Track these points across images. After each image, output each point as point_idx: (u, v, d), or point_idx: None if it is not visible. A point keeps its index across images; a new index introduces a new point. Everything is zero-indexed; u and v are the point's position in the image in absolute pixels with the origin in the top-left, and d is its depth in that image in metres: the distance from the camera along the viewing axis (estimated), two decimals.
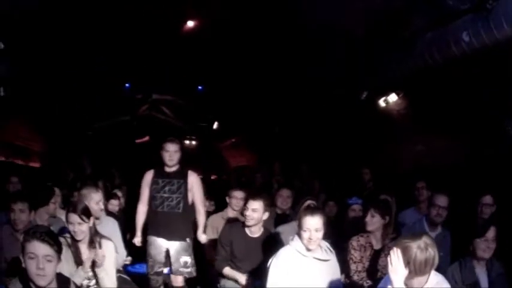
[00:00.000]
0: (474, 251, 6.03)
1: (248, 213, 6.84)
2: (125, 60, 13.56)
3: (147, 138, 17.49)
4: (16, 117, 13.79)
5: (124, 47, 12.85)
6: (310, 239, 5.63)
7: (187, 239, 7.88)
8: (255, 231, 6.96)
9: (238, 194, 8.32)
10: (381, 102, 10.71)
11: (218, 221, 8.23)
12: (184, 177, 7.98)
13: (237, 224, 7.27)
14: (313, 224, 5.64)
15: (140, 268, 8.21)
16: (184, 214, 7.90)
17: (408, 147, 10.98)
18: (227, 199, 8.48)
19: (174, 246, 7.81)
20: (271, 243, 6.82)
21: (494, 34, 6.49)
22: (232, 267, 6.97)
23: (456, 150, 9.60)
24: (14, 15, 9.02)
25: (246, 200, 7.05)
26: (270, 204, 7.48)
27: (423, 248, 4.45)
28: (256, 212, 6.83)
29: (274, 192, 9.47)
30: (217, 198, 9.89)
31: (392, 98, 10.53)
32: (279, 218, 8.46)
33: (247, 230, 6.95)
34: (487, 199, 7.65)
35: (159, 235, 7.80)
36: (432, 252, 4.45)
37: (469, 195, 7.98)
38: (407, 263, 4.44)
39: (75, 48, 12.20)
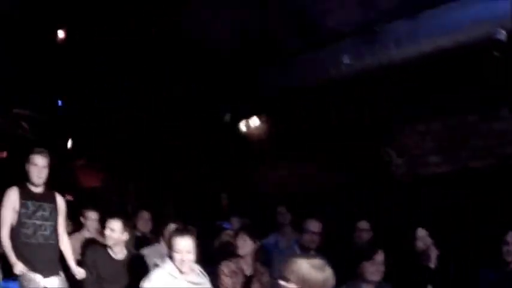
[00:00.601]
0: (363, 274, 6.00)
1: (107, 232, 6.63)
2: None
3: (4, 154, 16.50)
4: None
5: None
6: (182, 260, 5.46)
7: (61, 272, 6.75)
8: (118, 252, 6.68)
9: (92, 215, 8.12)
10: (243, 126, 10.73)
11: (75, 242, 7.71)
12: (54, 200, 6.82)
13: (100, 245, 6.99)
14: (185, 245, 5.49)
15: (14, 285, 6.72)
16: (57, 244, 6.76)
17: (270, 172, 10.97)
18: (82, 220, 8.24)
19: (52, 283, 6.60)
20: (136, 266, 6.68)
21: (379, 57, 6.54)
22: None
23: (322, 176, 9.65)
24: None
25: (101, 221, 6.96)
26: (130, 225, 7.23)
27: (320, 268, 4.19)
28: (115, 232, 6.61)
29: (131, 214, 9.27)
30: (74, 219, 9.38)
31: (255, 121, 10.56)
32: (139, 241, 8.22)
33: (110, 252, 6.67)
34: (363, 224, 7.74)
35: (35, 270, 6.45)
36: (329, 273, 4.22)
37: (339, 220, 8.09)
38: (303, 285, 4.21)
39: None
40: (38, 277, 6.42)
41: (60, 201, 6.88)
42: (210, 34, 9.30)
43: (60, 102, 14.65)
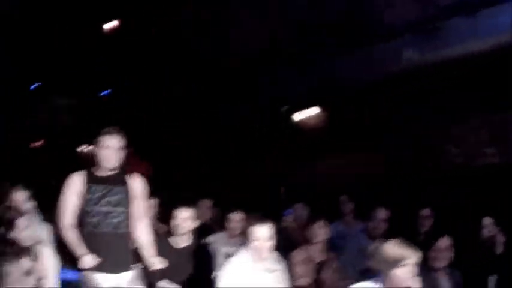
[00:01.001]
0: (431, 261, 6.15)
1: (178, 222, 6.40)
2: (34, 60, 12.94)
3: (41, 142, 16.73)
4: None
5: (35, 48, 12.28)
6: (260, 248, 5.55)
7: (136, 265, 5.86)
8: (183, 241, 6.48)
9: (153, 202, 7.63)
10: (300, 116, 10.84)
11: None
12: (128, 183, 5.77)
13: (161, 235, 6.76)
14: (263, 233, 5.57)
15: (73, 274, 5.89)
16: (128, 234, 5.79)
17: (325, 162, 11.12)
18: None
19: (125, 278, 5.73)
20: (202, 254, 6.64)
21: (441, 53, 6.69)
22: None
23: (375, 166, 9.82)
24: None
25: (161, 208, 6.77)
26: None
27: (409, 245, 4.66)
28: (186, 221, 6.42)
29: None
30: None
31: (311, 112, 10.67)
32: (200, 229, 8.26)
33: (172, 241, 6.47)
34: (426, 212, 7.94)
35: (100, 269, 5.55)
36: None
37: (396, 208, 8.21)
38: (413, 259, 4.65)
39: None
40: (102, 277, 5.59)
41: (136, 183, 5.81)
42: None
43: (106, 92, 14.88)
